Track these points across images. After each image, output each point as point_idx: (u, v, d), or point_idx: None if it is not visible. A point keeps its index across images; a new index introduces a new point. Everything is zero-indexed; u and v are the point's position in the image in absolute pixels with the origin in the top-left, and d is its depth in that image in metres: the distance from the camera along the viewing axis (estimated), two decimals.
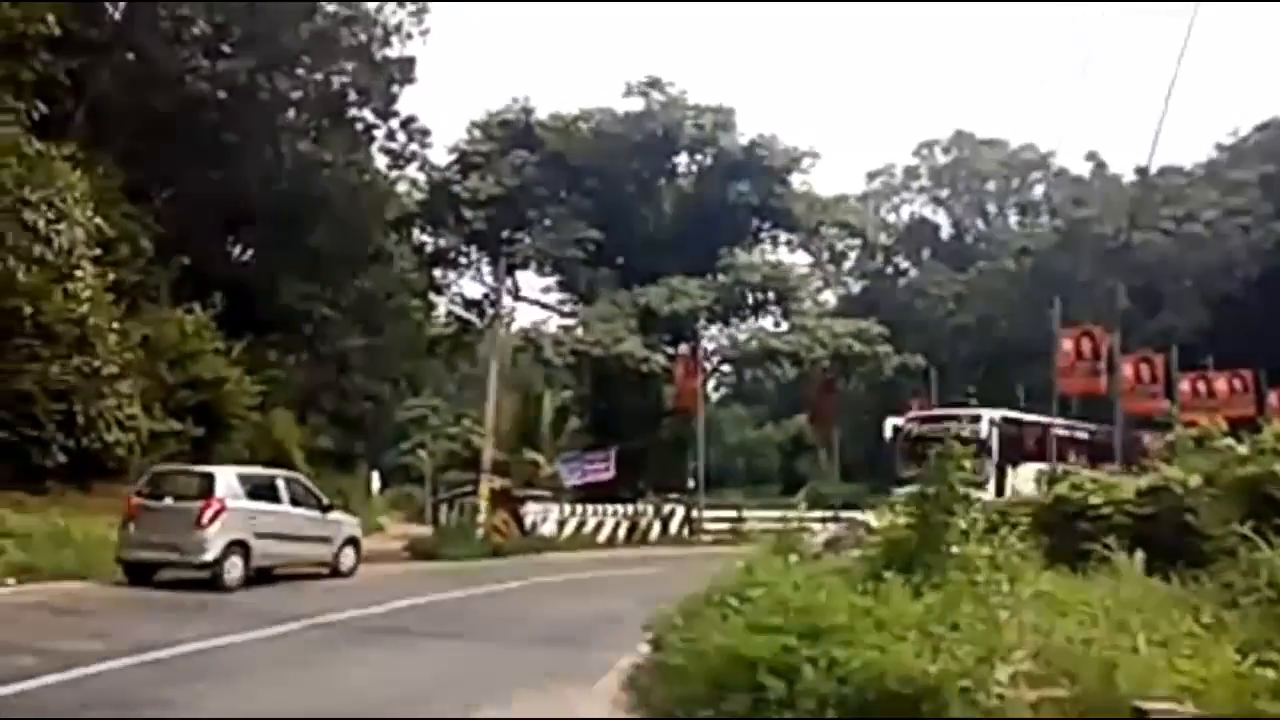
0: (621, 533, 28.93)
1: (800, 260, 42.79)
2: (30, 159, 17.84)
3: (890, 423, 29.83)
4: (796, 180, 40.15)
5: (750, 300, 38.78)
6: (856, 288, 54.96)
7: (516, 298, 40.58)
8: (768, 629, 6.27)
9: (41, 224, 18.07)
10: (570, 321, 38.38)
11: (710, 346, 38.61)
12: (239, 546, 15.39)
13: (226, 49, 31.46)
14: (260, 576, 15.96)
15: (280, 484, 17.36)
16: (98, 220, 20.14)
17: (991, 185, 61.15)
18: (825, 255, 44.49)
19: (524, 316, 42.27)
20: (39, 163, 18.25)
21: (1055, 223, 52.27)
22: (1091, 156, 54.25)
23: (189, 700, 8.02)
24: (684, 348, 36.28)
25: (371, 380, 38.15)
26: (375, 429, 40.61)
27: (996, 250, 55.17)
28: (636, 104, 39.09)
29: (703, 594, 8.58)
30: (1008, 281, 49.76)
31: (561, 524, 27.56)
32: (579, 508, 28.54)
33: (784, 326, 39.00)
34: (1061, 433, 29.41)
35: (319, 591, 15.79)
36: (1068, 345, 27.18)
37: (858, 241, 46.43)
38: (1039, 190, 59.40)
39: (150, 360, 24.03)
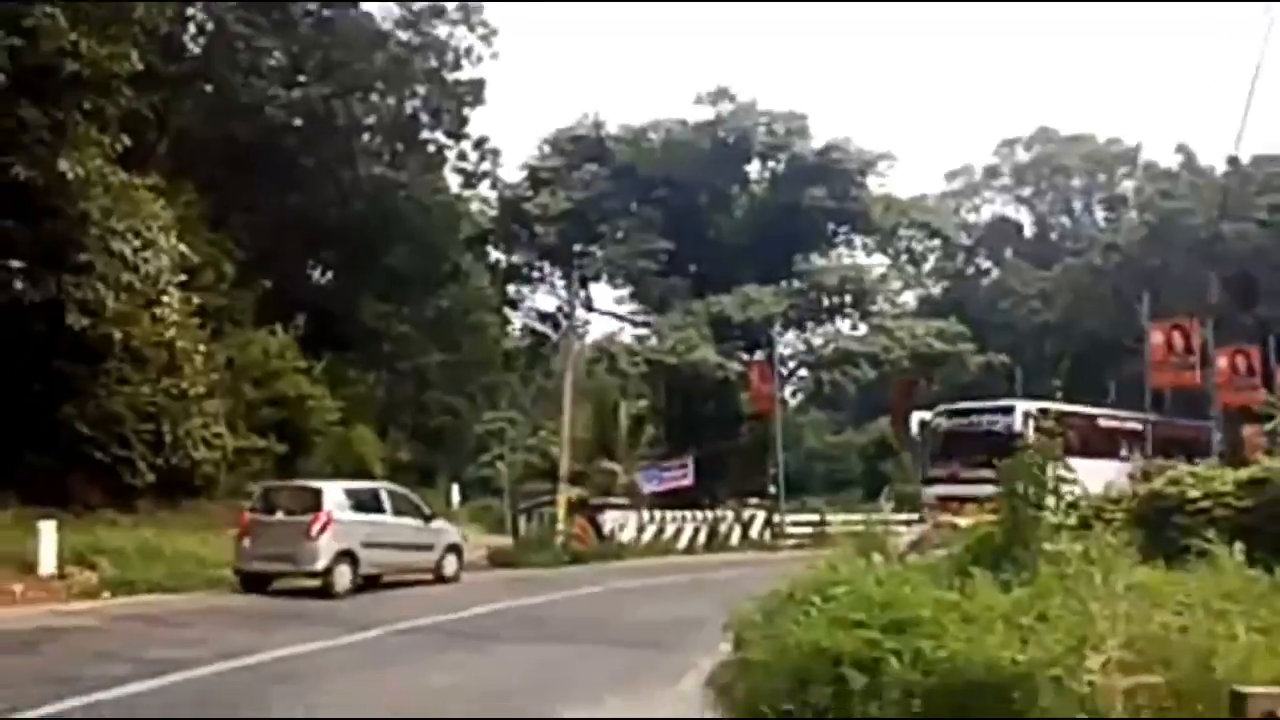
0: (701, 538, 28.70)
1: (878, 263, 42.34)
2: (116, 190, 18.40)
3: (917, 418, 28.05)
4: (873, 183, 39.72)
5: (826, 304, 38.41)
6: (937, 289, 53.96)
7: (590, 310, 40.79)
8: (850, 624, 6.12)
9: (129, 252, 18.61)
10: (644, 332, 38.41)
11: (786, 352, 38.26)
12: (347, 556, 16.13)
13: (303, 78, 32.30)
14: (369, 583, 16.65)
15: (383, 495, 18.12)
16: (182, 247, 20.74)
17: (1076, 181, 59.65)
18: (903, 257, 43.85)
19: (598, 328, 42.48)
20: (124, 193, 18.83)
21: (1145, 217, 50.69)
22: (1180, 149, 52.49)
23: (274, 702, 8.15)
24: (759, 354, 36.02)
25: (449, 395, 38.74)
26: (454, 443, 41.16)
27: (1083, 247, 53.75)
28: (706, 113, 39.15)
29: (784, 593, 8.40)
30: (1095, 277, 48.39)
31: (640, 531, 27.47)
32: (657, 514, 28.42)
33: (862, 329, 38.59)
34: (1111, 424, 27.70)
35: (406, 599, 16.00)
36: (1158, 339, 26.46)
37: (937, 242, 45.73)
38: (1127, 185, 57.68)
39: (235, 380, 24.71)
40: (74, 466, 19.68)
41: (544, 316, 41.96)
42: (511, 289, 41.98)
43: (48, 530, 15.90)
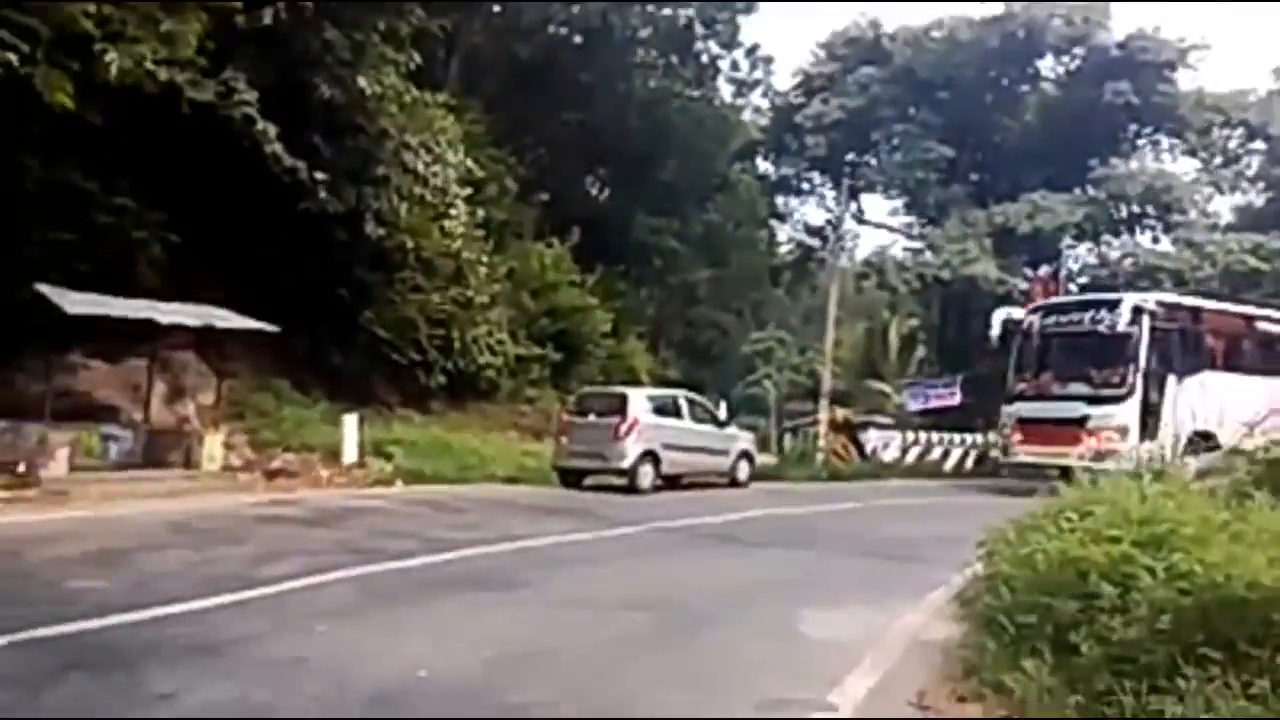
0: (969, 462, 27.53)
1: (1187, 168, 38.06)
2: (409, 106, 19.62)
3: (1000, 316, 21.74)
4: (1183, 77, 35.29)
5: (1125, 214, 34.98)
6: (1260, 199, 48.02)
7: (861, 222, 39.61)
8: (1105, 539, 5.74)
9: (421, 166, 19.90)
10: (917, 245, 36.77)
11: (1075, 267, 35.58)
12: (650, 456, 17.59)
13: None
14: (669, 483, 18.02)
15: (682, 402, 19.40)
16: (468, 162, 21.91)
17: None
18: (1218, 160, 39.14)
19: (869, 242, 41.30)
20: (417, 110, 20.05)
21: None
22: None
23: (543, 579, 8.78)
24: (1044, 269, 33.70)
25: (717, 312, 39.09)
26: (722, 360, 41.62)
27: None
28: (995, 8, 36.30)
29: (1041, 510, 7.95)
30: None
31: (904, 451, 26.76)
32: (923, 435, 27.58)
33: (1164, 243, 35.02)
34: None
35: (672, 502, 16.40)
36: None
37: (1260, 145, 40.51)
38: None
39: (515, 291, 26.07)
40: (374, 368, 21.63)
41: (812, 230, 41.08)
42: (780, 201, 41.37)
43: (350, 423, 17.66)
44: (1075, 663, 4.82)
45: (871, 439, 26.30)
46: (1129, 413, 18.16)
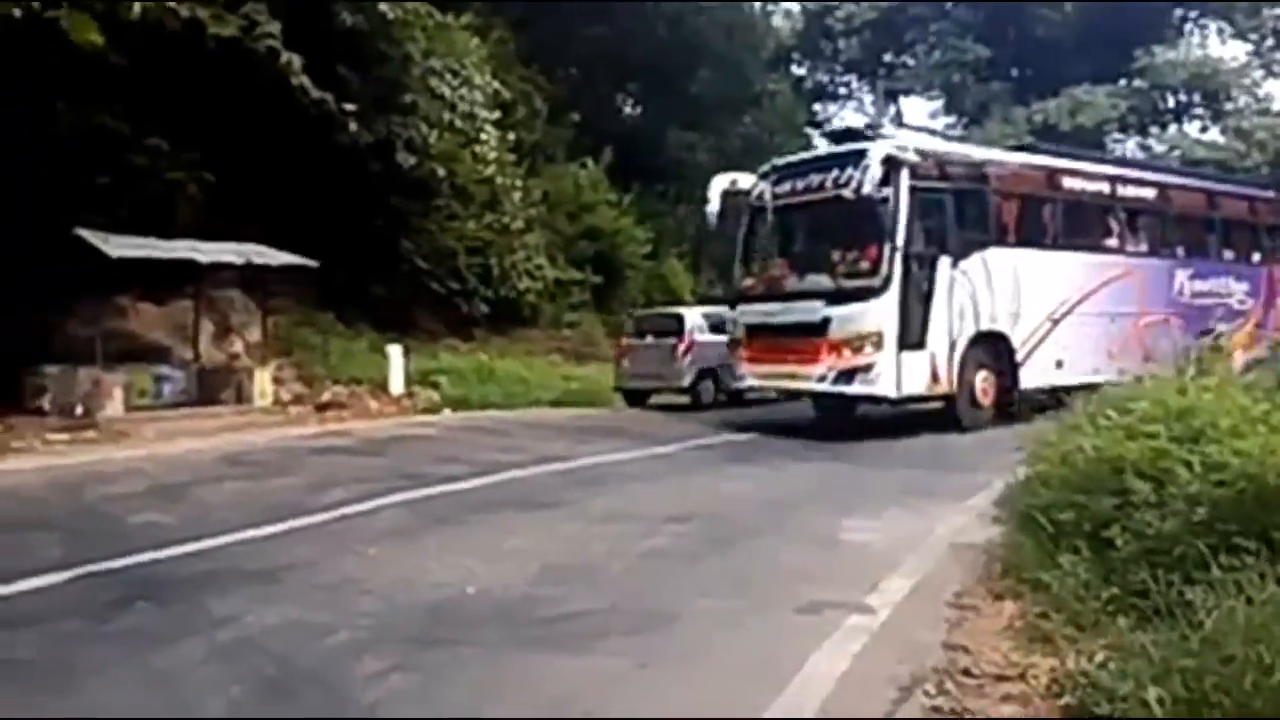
0: None
1: (1236, 52, 36.66)
2: (432, 30, 19.42)
3: (718, 185, 15.08)
4: None
5: (1171, 104, 34.02)
6: None
7: (900, 126, 38.64)
8: (1142, 434, 5.72)
9: (447, 91, 19.79)
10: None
11: None
12: (709, 373, 18.23)
13: None
14: (732, 399, 18.17)
15: None
16: (496, 84, 21.72)
17: None
18: (1268, 42, 37.66)
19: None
20: (441, 33, 19.86)
21: None
22: None
23: (587, 497, 8.95)
24: None
25: None
26: None
27: None
28: None
29: (1083, 410, 7.92)
30: None
31: None
32: None
33: (1213, 132, 33.98)
34: (1094, 185, 15.69)
35: (719, 419, 16.51)
36: None
37: None
38: None
39: (551, 215, 25.97)
40: (417, 298, 21.80)
41: None
42: (816, 109, 40.50)
43: (396, 354, 17.94)
44: (1111, 557, 4.86)
45: None
46: (883, 312, 12.85)
